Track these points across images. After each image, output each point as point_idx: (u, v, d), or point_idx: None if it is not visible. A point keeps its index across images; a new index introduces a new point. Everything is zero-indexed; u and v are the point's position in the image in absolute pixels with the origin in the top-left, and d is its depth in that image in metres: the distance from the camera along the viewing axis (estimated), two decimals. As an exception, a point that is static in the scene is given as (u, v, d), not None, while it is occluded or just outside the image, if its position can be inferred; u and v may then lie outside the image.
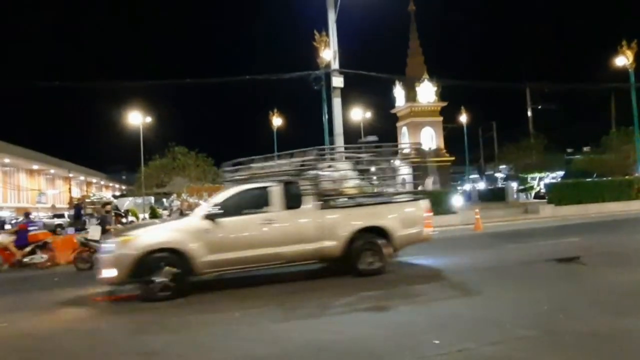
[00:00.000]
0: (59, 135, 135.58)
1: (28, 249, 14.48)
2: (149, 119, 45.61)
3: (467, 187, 55.36)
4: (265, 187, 9.17)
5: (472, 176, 64.29)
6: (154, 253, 8.23)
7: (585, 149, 51.66)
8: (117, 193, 73.25)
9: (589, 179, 30.49)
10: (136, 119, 44.22)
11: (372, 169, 11.48)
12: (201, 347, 5.73)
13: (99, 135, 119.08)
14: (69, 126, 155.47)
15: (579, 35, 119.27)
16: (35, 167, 63.77)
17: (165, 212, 42.46)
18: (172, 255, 8.26)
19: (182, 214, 24.25)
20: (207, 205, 9.06)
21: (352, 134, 50.96)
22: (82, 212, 36.92)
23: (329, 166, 10.29)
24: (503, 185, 48.00)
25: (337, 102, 19.93)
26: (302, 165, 9.74)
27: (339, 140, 19.86)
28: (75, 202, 41.46)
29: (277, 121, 38.59)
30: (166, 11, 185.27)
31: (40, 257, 14.52)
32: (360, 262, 9.30)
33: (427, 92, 43.54)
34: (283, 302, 7.77)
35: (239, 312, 7.22)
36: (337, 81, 19.60)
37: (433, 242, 10.65)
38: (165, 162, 22.97)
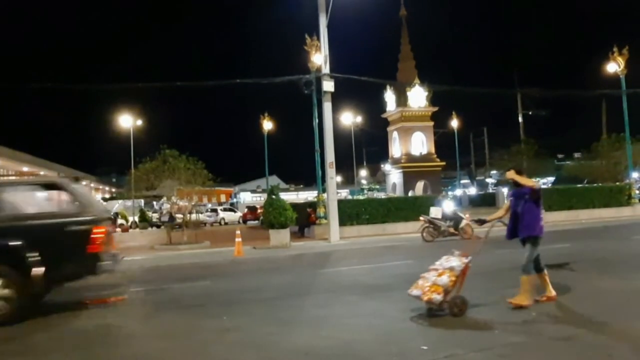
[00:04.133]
0: (49, 137, 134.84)
1: None
2: (139, 122, 45.50)
3: (458, 192, 55.42)
4: None
5: (463, 181, 64.35)
6: None
7: (576, 155, 51.86)
8: (107, 195, 72.82)
9: (580, 185, 30.63)
10: (127, 121, 44.08)
11: None
12: (189, 352, 5.67)
13: (89, 138, 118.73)
14: (58, 128, 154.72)
15: (570, 41, 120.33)
16: (24, 169, 63.26)
17: (155, 215, 42.34)
18: None
19: (172, 216, 24.22)
20: None
21: (342, 138, 51.09)
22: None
23: None
24: (494, 191, 48.15)
25: (327, 106, 19.92)
26: None
27: (329, 144, 19.83)
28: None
29: (267, 125, 38.54)
30: (158, 14, 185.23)
31: None
32: None
33: (418, 96, 43.59)
34: (271, 307, 7.71)
35: (227, 317, 7.16)
36: (328, 85, 19.60)
37: (423, 245, 10.60)
38: (155, 164, 22.79)
